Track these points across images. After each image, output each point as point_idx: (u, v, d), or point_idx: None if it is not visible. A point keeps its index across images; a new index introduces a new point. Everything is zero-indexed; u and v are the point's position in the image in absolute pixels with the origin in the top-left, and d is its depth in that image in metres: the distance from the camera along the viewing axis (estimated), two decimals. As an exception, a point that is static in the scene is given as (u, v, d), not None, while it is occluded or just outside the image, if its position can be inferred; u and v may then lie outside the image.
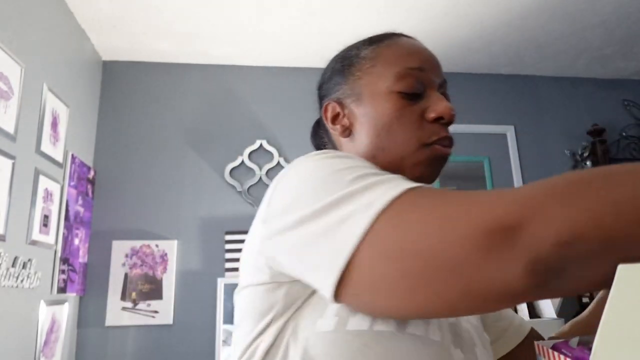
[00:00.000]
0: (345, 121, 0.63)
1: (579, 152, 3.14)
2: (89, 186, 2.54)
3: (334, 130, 0.65)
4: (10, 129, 1.75)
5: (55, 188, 2.14)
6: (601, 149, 3.08)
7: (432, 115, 0.58)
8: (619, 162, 3.13)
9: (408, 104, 0.59)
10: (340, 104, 0.64)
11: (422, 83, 0.60)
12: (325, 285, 0.41)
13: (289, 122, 2.90)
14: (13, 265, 1.76)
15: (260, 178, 2.78)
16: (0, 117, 1.69)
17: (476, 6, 2.46)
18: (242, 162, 2.79)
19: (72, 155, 2.33)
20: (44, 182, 2.02)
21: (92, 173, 2.59)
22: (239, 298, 0.55)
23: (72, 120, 2.34)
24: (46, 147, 2.05)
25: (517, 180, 3.04)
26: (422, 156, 0.58)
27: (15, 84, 1.79)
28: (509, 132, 3.12)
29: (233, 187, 2.74)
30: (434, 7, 2.45)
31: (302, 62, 2.96)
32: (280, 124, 2.89)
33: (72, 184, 2.31)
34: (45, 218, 2.04)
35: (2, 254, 1.67)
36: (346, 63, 0.65)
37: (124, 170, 2.68)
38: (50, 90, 2.10)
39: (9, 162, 1.74)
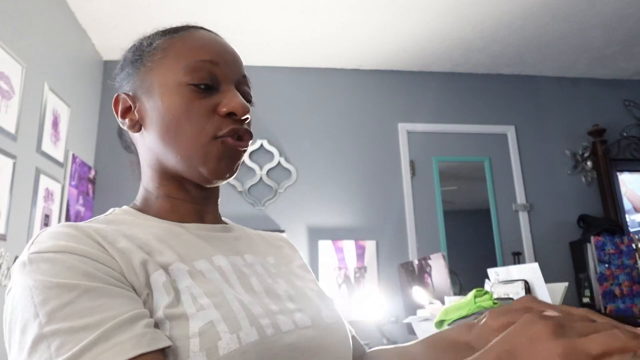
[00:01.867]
0: (135, 115, 0.61)
1: (580, 152, 3.14)
2: (90, 186, 2.54)
3: (123, 125, 0.63)
4: (11, 128, 1.76)
5: (56, 188, 2.14)
6: (602, 149, 3.08)
7: (224, 110, 0.57)
8: (620, 162, 3.13)
9: (198, 97, 0.57)
10: (132, 96, 0.62)
11: (216, 76, 0.58)
12: None
13: (289, 122, 2.90)
14: (14, 264, 1.76)
15: (261, 178, 2.78)
16: (1, 117, 1.69)
17: (477, 6, 2.46)
18: (243, 161, 2.78)
19: (73, 154, 2.33)
20: (44, 182, 2.02)
21: (92, 173, 2.59)
22: None
23: (73, 119, 2.34)
24: (47, 146, 2.06)
25: (518, 181, 3.04)
26: (213, 149, 0.57)
27: (16, 83, 1.79)
28: (510, 132, 3.12)
29: (234, 186, 2.74)
30: (435, 7, 2.45)
31: (302, 62, 2.96)
32: (280, 124, 2.89)
33: (72, 183, 2.31)
34: (46, 218, 2.04)
35: (2, 254, 1.67)
36: (138, 53, 0.62)
37: (124, 170, 2.68)
38: (51, 89, 2.10)
39: (10, 161, 1.75)
